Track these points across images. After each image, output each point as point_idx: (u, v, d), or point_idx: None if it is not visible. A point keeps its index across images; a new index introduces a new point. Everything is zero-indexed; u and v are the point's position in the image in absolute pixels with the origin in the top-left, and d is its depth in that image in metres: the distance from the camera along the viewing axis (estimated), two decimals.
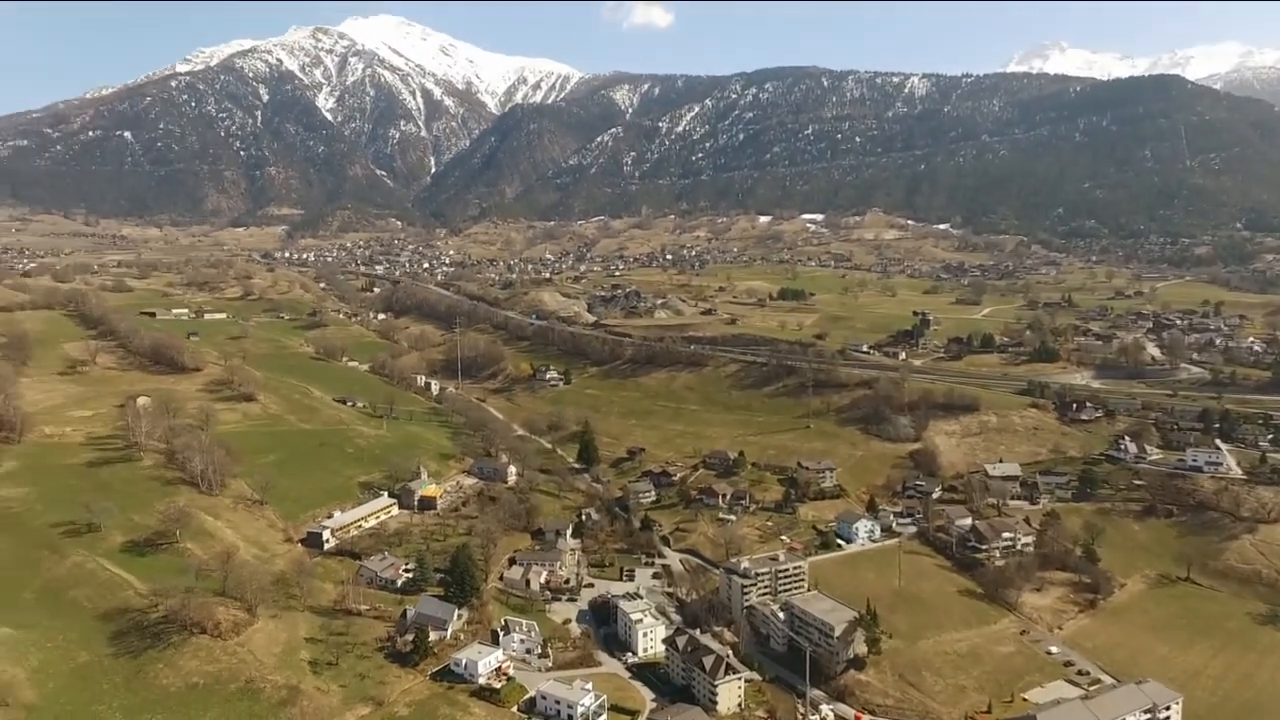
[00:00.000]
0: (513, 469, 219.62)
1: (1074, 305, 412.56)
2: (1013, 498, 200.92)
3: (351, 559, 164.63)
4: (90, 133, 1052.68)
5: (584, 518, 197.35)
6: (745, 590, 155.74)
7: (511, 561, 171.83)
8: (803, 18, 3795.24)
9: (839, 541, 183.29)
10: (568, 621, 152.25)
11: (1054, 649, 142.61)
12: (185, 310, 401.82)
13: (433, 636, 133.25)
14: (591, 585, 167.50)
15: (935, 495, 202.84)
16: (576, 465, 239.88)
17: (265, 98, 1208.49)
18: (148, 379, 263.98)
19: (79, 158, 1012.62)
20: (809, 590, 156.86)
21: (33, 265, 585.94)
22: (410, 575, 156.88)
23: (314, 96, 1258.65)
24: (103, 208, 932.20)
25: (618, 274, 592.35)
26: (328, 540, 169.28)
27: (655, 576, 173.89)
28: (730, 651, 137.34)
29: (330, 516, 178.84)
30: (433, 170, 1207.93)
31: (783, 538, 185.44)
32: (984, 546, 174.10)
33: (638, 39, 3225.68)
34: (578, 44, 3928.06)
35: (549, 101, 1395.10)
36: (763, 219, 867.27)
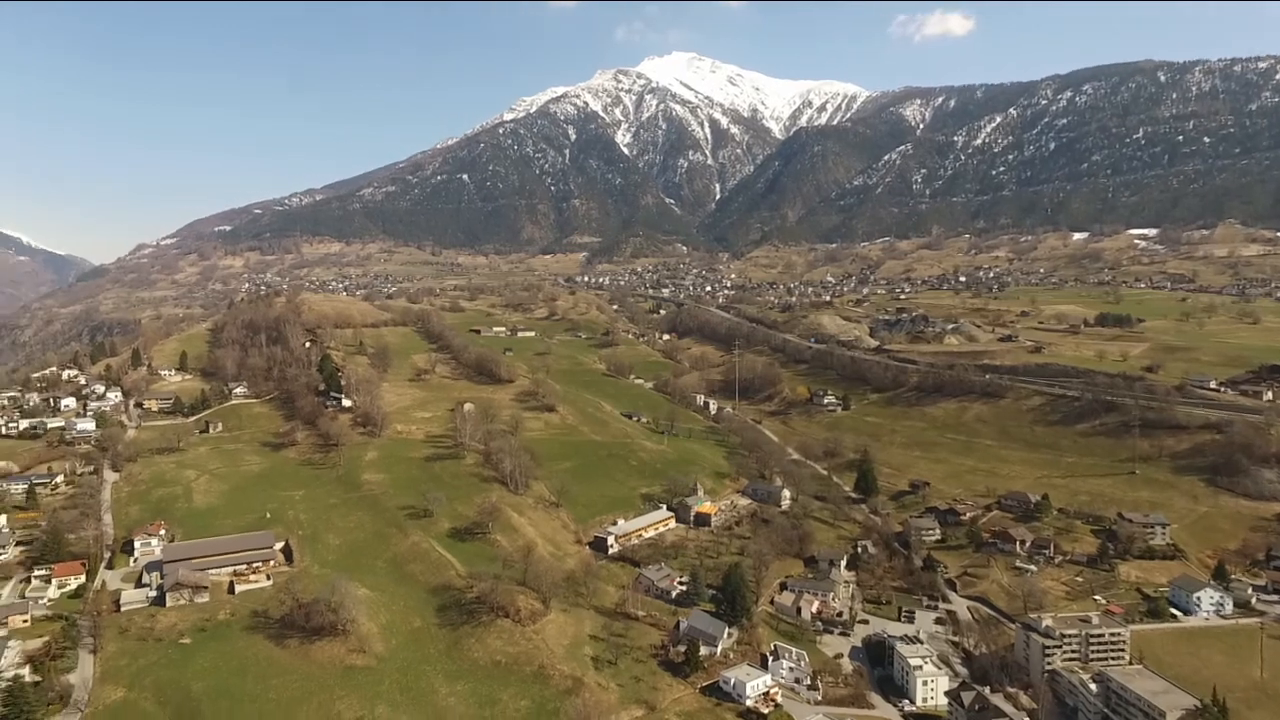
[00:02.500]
0: (787, 493, 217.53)
1: None
2: None
3: (631, 566, 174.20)
4: (438, 177, 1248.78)
5: (860, 550, 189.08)
6: (1047, 652, 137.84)
7: (782, 587, 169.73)
8: (1131, 6, 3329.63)
9: (1173, 611, 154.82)
10: (839, 656, 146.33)
11: None
12: (502, 328, 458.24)
13: (703, 651, 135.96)
14: (866, 622, 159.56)
15: None
16: (853, 495, 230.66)
17: (573, 137, 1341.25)
18: (472, 388, 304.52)
19: (429, 198, 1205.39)
20: (1130, 663, 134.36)
21: (394, 289, 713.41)
22: (684, 588, 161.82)
23: (613, 133, 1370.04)
24: (445, 239, 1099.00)
25: (903, 297, 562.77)
26: (611, 546, 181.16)
27: (938, 622, 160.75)
28: (1026, 718, 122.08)
29: (614, 524, 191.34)
30: (717, 196, 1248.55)
31: (1096, 598, 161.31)
32: None
33: (931, 50, 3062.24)
34: (865, 62, 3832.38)
35: (834, 123, 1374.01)
36: (1077, 236, 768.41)
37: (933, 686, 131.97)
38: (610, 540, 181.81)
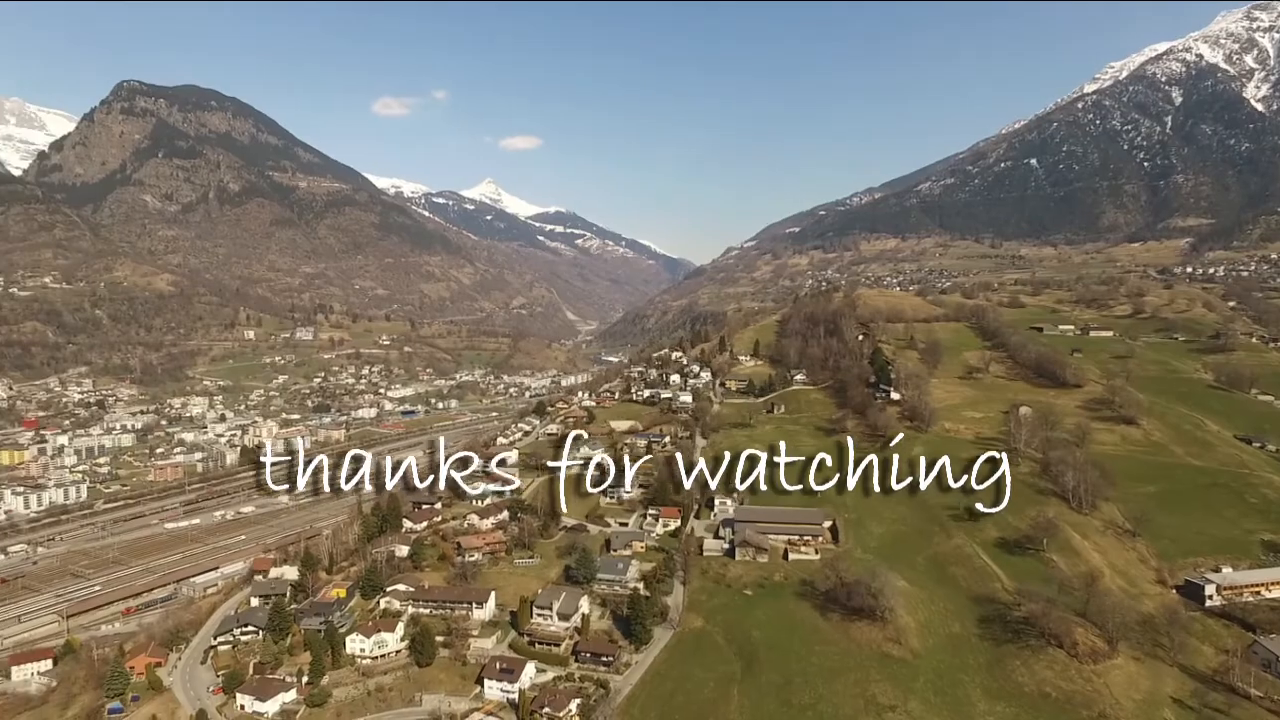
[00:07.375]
0: None
1: None
2: None
3: (1241, 627, 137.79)
4: (1001, 164, 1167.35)
5: None
6: None
7: None
8: None
9: None
10: None
11: None
12: (1070, 327, 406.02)
13: None
14: None
15: None
16: None
17: (1177, 100, 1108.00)
18: (1029, 390, 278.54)
19: (990, 188, 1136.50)
20: None
21: (948, 284, 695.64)
22: None
23: (1239, 88, 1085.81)
24: (1006, 230, 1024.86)
25: None
26: (1210, 596, 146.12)
27: None
28: None
29: (1217, 570, 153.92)
30: None
31: None
32: None
33: None
34: None
35: None
36: None
37: None
38: (1209, 589, 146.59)
